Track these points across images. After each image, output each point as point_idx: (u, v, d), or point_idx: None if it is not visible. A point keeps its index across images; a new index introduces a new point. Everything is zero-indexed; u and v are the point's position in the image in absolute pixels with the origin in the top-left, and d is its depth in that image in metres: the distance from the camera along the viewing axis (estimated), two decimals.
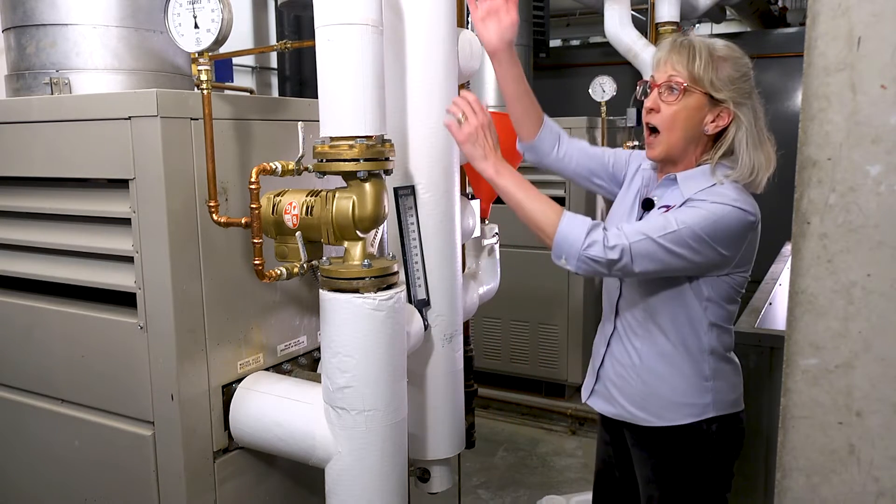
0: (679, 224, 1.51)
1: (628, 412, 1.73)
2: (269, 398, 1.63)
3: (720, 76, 1.57)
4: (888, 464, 0.97)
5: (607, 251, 1.50)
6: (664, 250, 1.51)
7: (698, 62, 1.57)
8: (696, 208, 1.54)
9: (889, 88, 0.89)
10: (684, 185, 1.62)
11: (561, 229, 1.54)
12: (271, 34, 5.38)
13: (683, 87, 1.57)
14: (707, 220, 1.51)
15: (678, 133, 1.61)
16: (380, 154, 1.46)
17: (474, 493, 3.41)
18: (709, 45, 1.60)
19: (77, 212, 1.66)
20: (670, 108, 1.59)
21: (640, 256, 1.51)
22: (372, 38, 1.42)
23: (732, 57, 1.60)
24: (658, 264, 1.53)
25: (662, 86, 1.60)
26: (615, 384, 1.76)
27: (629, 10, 4.29)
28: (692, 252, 1.53)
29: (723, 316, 1.66)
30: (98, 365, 1.67)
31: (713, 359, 1.67)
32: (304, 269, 1.54)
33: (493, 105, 4.32)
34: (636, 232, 1.52)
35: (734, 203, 1.53)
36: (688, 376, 1.67)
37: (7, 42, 1.81)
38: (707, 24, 7.59)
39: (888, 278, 0.93)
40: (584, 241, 1.51)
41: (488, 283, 2.33)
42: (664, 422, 1.69)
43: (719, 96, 1.57)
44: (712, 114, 1.59)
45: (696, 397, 1.67)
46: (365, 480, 1.53)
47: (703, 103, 1.58)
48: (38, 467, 1.84)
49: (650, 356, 1.69)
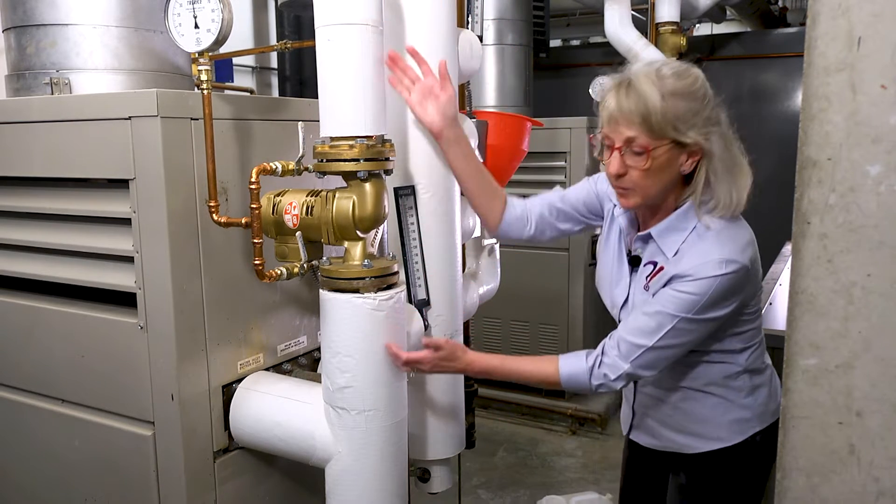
0: (671, 319, 1.45)
1: (673, 442, 1.69)
2: (269, 398, 1.63)
3: (681, 118, 1.41)
4: (888, 464, 0.97)
5: (613, 383, 1.51)
6: (666, 349, 1.48)
7: (654, 114, 1.39)
8: (682, 293, 1.44)
9: (889, 88, 0.89)
10: (662, 241, 1.53)
11: (564, 381, 1.56)
12: (271, 34, 5.38)
13: (649, 150, 1.42)
14: (697, 302, 1.43)
15: (655, 188, 1.48)
16: (380, 154, 1.46)
17: (474, 493, 3.41)
18: (658, 85, 1.41)
19: (77, 212, 1.66)
20: (638, 171, 1.44)
21: (646, 367, 1.50)
22: (372, 38, 1.42)
23: (685, 89, 1.43)
24: (669, 360, 1.51)
25: (623, 149, 1.44)
26: (653, 417, 1.72)
27: (629, 10, 4.29)
28: (694, 334, 1.48)
29: (747, 338, 1.58)
30: (98, 365, 1.67)
31: (747, 377, 1.61)
32: (305, 269, 1.54)
33: (492, 105, 4.33)
34: (632, 346, 1.48)
35: (719, 272, 1.42)
36: (727, 399, 1.61)
37: (7, 42, 1.81)
38: (707, 24, 7.59)
39: (888, 278, 0.93)
40: (591, 384, 1.53)
41: (488, 283, 2.33)
42: (710, 446, 1.64)
43: (687, 140, 1.42)
44: (684, 155, 1.45)
45: (738, 417, 1.62)
46: (365, 480, 1.53)
47: (672, 153, 1.44)
48: (38, 467, 1.84)
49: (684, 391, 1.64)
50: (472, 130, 2.00)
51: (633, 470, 1.93)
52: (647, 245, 1.58)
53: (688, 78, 1.45)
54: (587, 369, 1.53)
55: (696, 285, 1.43)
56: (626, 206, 1.54)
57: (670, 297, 1.46)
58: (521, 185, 4.06)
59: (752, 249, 1.49)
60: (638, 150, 1.43)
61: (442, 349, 1.57)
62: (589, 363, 1.53)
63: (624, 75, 1.47)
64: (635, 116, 1.41)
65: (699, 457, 1.66)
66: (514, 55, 4.42)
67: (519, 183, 3.92)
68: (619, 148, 1.45)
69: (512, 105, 4.39)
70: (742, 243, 1.47)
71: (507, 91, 4.40)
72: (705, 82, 1.48)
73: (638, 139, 1.42)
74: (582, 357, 1.55)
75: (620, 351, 1.50)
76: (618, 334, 1.53)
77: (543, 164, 4.13)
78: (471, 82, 2.16)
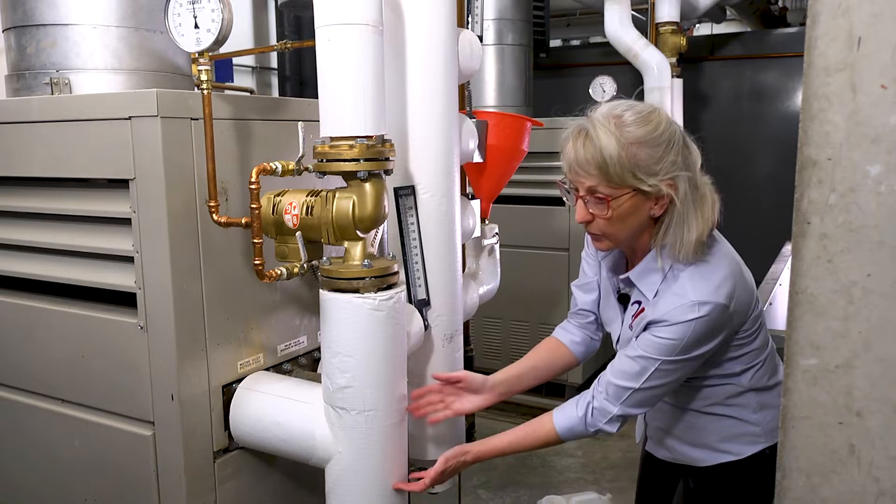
0: (653, 363, 1.46)
1: (685, 455, 1.71)
2: (269, 398, 1.63)
3: (640, 166, 1.40)
4: (888, 464, 0.96)
5: (608, 426, 1.53)
6: (654, 388, 1.49)
7: (612, 164, 1.39)
8: (660, 338, 1.44)
9: (889, 88, 0.89)
10: (641, 284, 1.54)
11: (564, 436, 1.58)
12: (271, 34, 5.38)
13: (608, 200, 1.42)
14: (676, 346, 1.44)
15: (621, 233, 1.49)
16: (380, 154, 1.46)
17: (474, 493, 3.41)
18: (616, 133, 1.40)
19: (77, 212, 1.66)
20: (602, 219, 1.46)
21: (637, 405, 1.51)
22: (372, 38, 1.42)
23: (645, 136, 1.40)
24: (659, 397, 1.54)
25: (586, 198, 1.45)
26: (664, 430, 1.74)
27: (629, 10, 4.30)
28: (680, 372, 1.48)
29: (749, 359, 1.58)
30: (98, 365, 1.67)
31: (753, 395, 1.61)
32: (305, 269, 1.54)
33: (492, 105, 4.33)
34: (620, 389, 1.49)
35: (692, 315, 1.41)
36: (734, 417, 1.62)
37: (7, 42, 1.81)
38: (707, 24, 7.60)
39: (888, 278, 0.93)
40: (588, 431, 1.55)
41: (488, 283, 2.33)
42: (720, 459, 1.65)
43: (647, 188, 1.41)
44: (651, 201, 1.44)
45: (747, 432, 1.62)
46: (365, 480, 1.53)
47: (637, 200, 1.43)
48: (38, 467, 1.84)
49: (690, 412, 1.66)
50: (471, 130, 2.00)
51: (647, 479, 1.95)
52: (629, 286, 1.60)
53: (649, 124, 1.42)
54: (581, 418, 1.54)
55: (672, 330, 1.43)
56: (599, 248, 1.58)
57: (649, 341, 1.47)
58: (521, 185, 4.06)
59: (729, 284, 1.45)
60: (599, 198, 1.44)
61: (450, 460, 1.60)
62: (580, 412, 1.55)
63: (582, 124, 1.46)
64: (592, 167, 1.41)
65: (709, 470, 1.68)
66: (514, 55, 4.43)
67: (519, 183, 3.92)
68: (582, 196, 1.47)
69: (512, 105, 4.39)
70: (716, 281, 1.44)
71: (507, 91, 4.40)
72: (671, 124, 1.45)
73: (598, 188, 1.43)
74: (573, 406, 1.57)
75: (608, 395, 1.51)
76: (605, 378, 1.54)
77: (543, 164, 4.12)
78: (471, 82, 2.16)
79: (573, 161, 1.44)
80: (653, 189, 1.41)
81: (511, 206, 4.08)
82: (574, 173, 1.45)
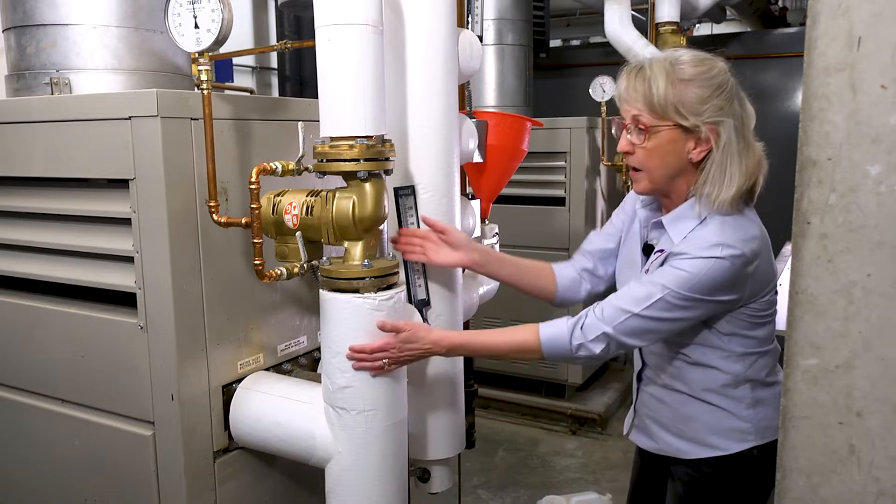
0: (661, 290, 1.44)
1: (670, 446, 1.68)
2: (269, 398, 1.63)
3: (686, 102, 1.45)
4: (888, 464, 0.96)
5: (592, 345, 1.48)
6: (653, 320, 1.46)
7: (657, 95, 1.45)
8: (676, 269, 1.45)
9: (889, 88, 0.89)
10: (672, 229, 1.55)
11: (545, 344, 1.52)
12: (271, 34, 5.38)
13: (647, 128, 1.48)
14: (689, 280, 1.43)
15: (659, 171, 1.52)
16: (380, 154, 1.46)
17: (474, 493, 3.41)
18: (668, 69, 1.47)
19: (77, 212, 1.66)
20: (641, 149, 1.51)
21: (630, 334, 1.48)
22: (372, 38, 1.42)
23: (698, 75, 1.46)
24: (654, 333, 1.50)
25: (629, 128, 1.51)
26: (653, 419, 1.71)
27: (629, 10, 4.29)
28: (685, 311, 1.46)
29: (751, 344, 1.57)
30: (98, 365, 1.67)
31: (749, 387, 1.59)
32: (305, 269, 1.54)
33: (492, 105, 4.33)
34: (618, 310, 1.47)
35: (714, 254, 1.43)
36: (726, 409, 1.60)
37: (7, 42, 1.81)
38: (707, 24, 7.59)
39: (888, 278, 0.93)
40: (571, 344, 1.50)
41: (488, 283, 2.33)
42: (706, 453, 1.62)
43: (689, 125, 1.46)
44: (692, 141, 1.48)
45: (736, 427, 1.60)
46: (365, 480, 1.53)
47: (675, 136, 1.48)
48: (38, 467, 1.84)
49: (683, 395, 1.63)
50: (471, 130, 2.00)
51: (640, 476, 1.93)
52: (659, 233, 1.60)
53: (702, 66, 1.48)
54: (567, 331, 1.50)
55: (689, 263, 1.44)
56: (637, 190, 1.59)
57: (663, 271, 1.48)
58: (521, 185, 4.06)
59: (757, 244, 1.48)
60: (640, 128, 1.49)
61: (402, 331, 1.51)
62: (568, 325, 1.51)
63: (640, 61, 1.54)
64: (639, 97, 1.49)
65: (693, 464, 1.65)
66: (514, 55, 4.42)
67: (519, 183, 3.92)
68: (626, 126, 1.53)
69: (512, 105, 4.39)
70: (746, 235, 1.47)
71: (507, 91, 4.40)
72: (727, 74, 1.50)
73: (641, 117, 1.49)
74: (563, 320, 1.53)
75: (603, 314, 1.48)
76: (605, 300, 1.52)
77: (543, 164, 4.13)
78: (471, 82, 2.16)
79: (623, 91, 1.52)
80: (693, 128, 1.46)
81: (511, 206, 4.08)
82: (623, 104, 1.53)
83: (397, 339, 1.50)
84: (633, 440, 1.81)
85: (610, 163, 4.16)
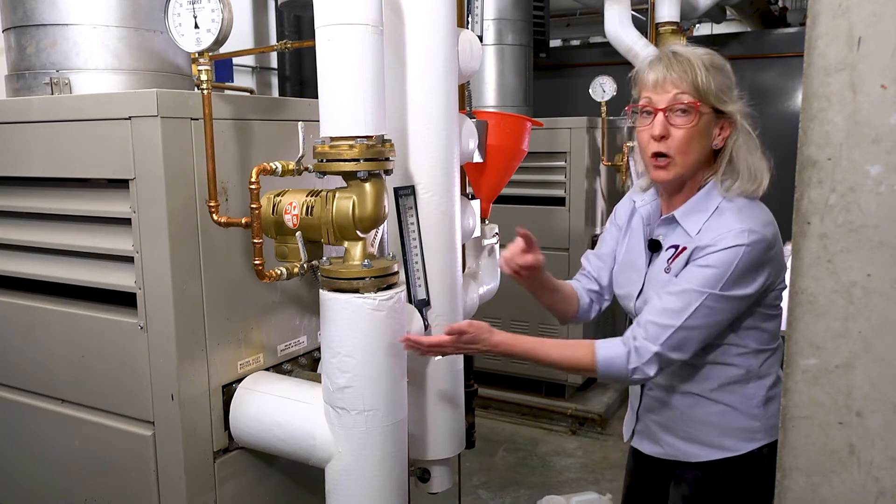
0: (699, 296, 1.45)
1: (677, 450, 1.67)
2: (269, 398, 1.63)
3: (721, 88, 1.51)
4: (888, 464, 0.97)
5: (646, 367, 1.48)
6: (694, 330, 1.46)
7: (701, 77, 1.49)
8: (705, 267, 1.46)
9: (889, 88, 0.89)
10: (686, 222, 1.56)
11: (602, 366, 1.51)
12: (271, 34, 5.38)
13: (697, 107, 1.49)
14: (721, 276, 1.44)
15: (693, 156, 1.52)
16: (380, 154, 1.46)
17: (474, 493, 3.41)
18: (699, 57, 1.52)
19: (77, 212, 1.66)
20: (683, 131, 1.50)
21: (675, 349, 1.47)
22: (372, 38, 1.42)
23: (722, 65, 1.54)
24: (695, 343, 1.49)
25: (670, 108, 1.50)
26: (659, 424, 1.70)
27: (629, 10, 4.29)
28: (724, 312, 1.47)
29: (764, 339, 1.58)
30: (98, 365, 1.67)
31: (761, 384, 1.59)
32: (305, 269, 1.54)
33: (492, 105, 4.33)
34: (660, 328, 1.46)
35: (740, 241, 1.44)
36: (737, 408, 1.59)
37: (7, 42, 1.81)
38: (707, 24, 7.60)
39: (888, 278, 0.93)
40: (628, 368, 1.49)
41: (488, 283, 2.33)
42: (716, 455, 1.61)
43: (726, 109, 1.51)
44: (717, 127, 1.53)
45: (746, 426, 1.60)
46: (365, 480, 1.53)
47: (710, 120, 1.52)
48: (38, 467, 1.84)
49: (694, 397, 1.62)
50: (471, 130, 2.00)
51: (635, 480, 1.91)
52: (669, 229, 1.60)
53: (720, 58, 1.55)
54: (624, 355, 1.49)
55: (718, 257, 1.45)
56: (664, 178, 1.55)
57: (694, 273, 1.47)
58: (521, 185, 4.06)
59: (773, 229, 1.50)
60: (686, 108, 1.49)
61: (467, 333, 1.51)
62: (625, 348, 1.50)
63: (663, 50, 1.57)
64: (686, 77, 1.50)
65: (702, 466, 1.64)
66: (514, 55, 4.43)
67: (519, 183, 3.92)
68: (663, 109, 1.50)
69: (512, 105, 4.39)
70: (763, 220, 1.50)
71: (507, 91, 4.40)
72: None
73: (684, 97, 1.49)
74: (618, 342, 1.52)
75: (648, 334, 1.48)
76: (644, 319, 1.50)
77: (543, 164, 4.13)
78: (471, 82, 2.16)
79: (660, 76, 1.51)
80: (727, 112, 1.51)
81: (511, 206, 4.08)
82: (661, 86, 1.51)
83: (460, 341, 1.52)
84: (637, 446, 1.79)
85: (610, 163, 4.16)
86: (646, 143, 1.54)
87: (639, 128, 1.56)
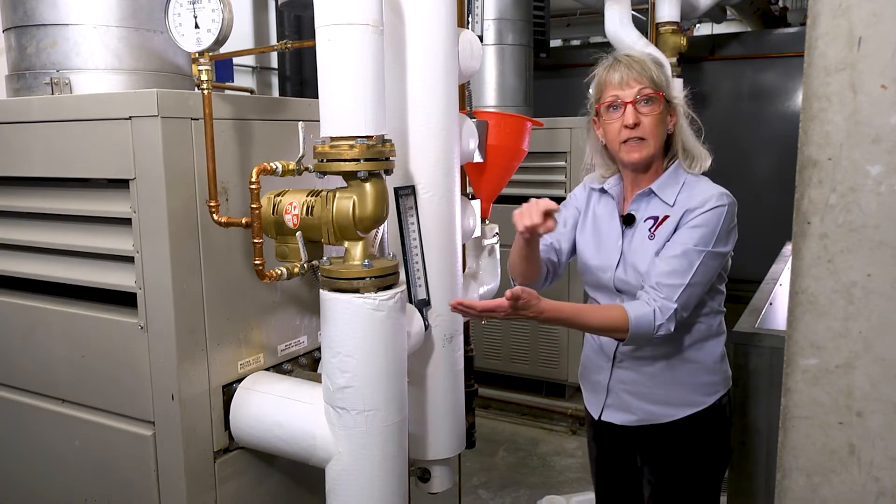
0: (698, 254, 1.64)
1: (650, 414, 1.80)
2: (269, 398, 1.63)
3: (668, 82, 1.76)
4: (888, 464, 0.97)
5: (669, 324, 1.63)
6: (700, 284, 1.66)
7: (654, 73, 1.72)
8: (697, 227, 1.66)
9: (889, 88, 0.89)
10: (663, 193, 1.74)
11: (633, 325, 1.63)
12: (271, 34, 5.38)
13: (661, 95, 1.71)
14: (712, 234, 1.65)
15: (660, 138, 1.74)
16: (380, 154, 1.46)
17: (475, 493, 3.41)
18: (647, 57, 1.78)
19: (77, 212, 1.66)
20: (650, 117, 1.71)
21: (686, 306, 1.65)
22: (372, 38, 1.42)
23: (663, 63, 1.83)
24: (697, 298, 1.68)
25: (637, 100, 1.70)
26: (631, 392, 1.82)
27: (629, 10, 4.29)
28: (714, 269, 1.68)
29: (720, 300, 1.79)
30: (98, 365, 1.67)
31: (718, 342, 1.80)
32: (305, 269, 1.54)
33: (492, 105, 4.33)
34: (672, 287, 1.63)
35: (722, 202, 1.67)
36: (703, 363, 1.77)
37: (7, 42, 1.81)
38: (707, 24, 7.60)
39: (889, 278, 0.93)
40: (654, 325, 1.63)
41: (488, 283, 2.33)
42: (686, 411, 1.77)
43: (672, 99, 1.75)
44: (669, 115, 1.75)
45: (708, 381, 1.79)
46: (365, 480, 1.53)
47: (665, 108, 1.74)
48: (38, 467, 1.84)
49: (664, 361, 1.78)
50: (472, 130, 2.00)
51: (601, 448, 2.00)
52: (643, 203, 1.77)
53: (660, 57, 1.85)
54: (650, 312, 1.62)
55: (707, 216, 1.65)
56: (638, 158, 1.73)
57: (689, 234, 1.66)
58: (521, 185, 4.05)
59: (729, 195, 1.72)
60: (651, 97, 1.70)
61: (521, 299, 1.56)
62: (650, 307, 1.63)
63: (614, 54, 1.79)
64: (645, 74, 1.71)
65: (672, 426, 1.78)
66: (514, 55, 4.42)
67: (519, 183, 3.92)
68: (631, 102, 1.70)
69: (512, 105, 4.39)
70: (721, 188, 1.73)
71: (507, 91, 4.40)
72: None
73: (647, 90, 1.70)
74: (641, 302, 1.66)
75: (664, 294, 1.63)
76: (653, 282, 1.65)
77: (543, 164, 4.12)
78: (471, 82, 2.16)
79: (623, 74, 1.72)
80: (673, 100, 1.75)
81: (511, 206, 4.05)
82: (625, 84, 1.71)
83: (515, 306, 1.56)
84: (607, 419, 1.88)
85: None
86: (616, 133, 1.73)
87: (608, 121, 1.74)
